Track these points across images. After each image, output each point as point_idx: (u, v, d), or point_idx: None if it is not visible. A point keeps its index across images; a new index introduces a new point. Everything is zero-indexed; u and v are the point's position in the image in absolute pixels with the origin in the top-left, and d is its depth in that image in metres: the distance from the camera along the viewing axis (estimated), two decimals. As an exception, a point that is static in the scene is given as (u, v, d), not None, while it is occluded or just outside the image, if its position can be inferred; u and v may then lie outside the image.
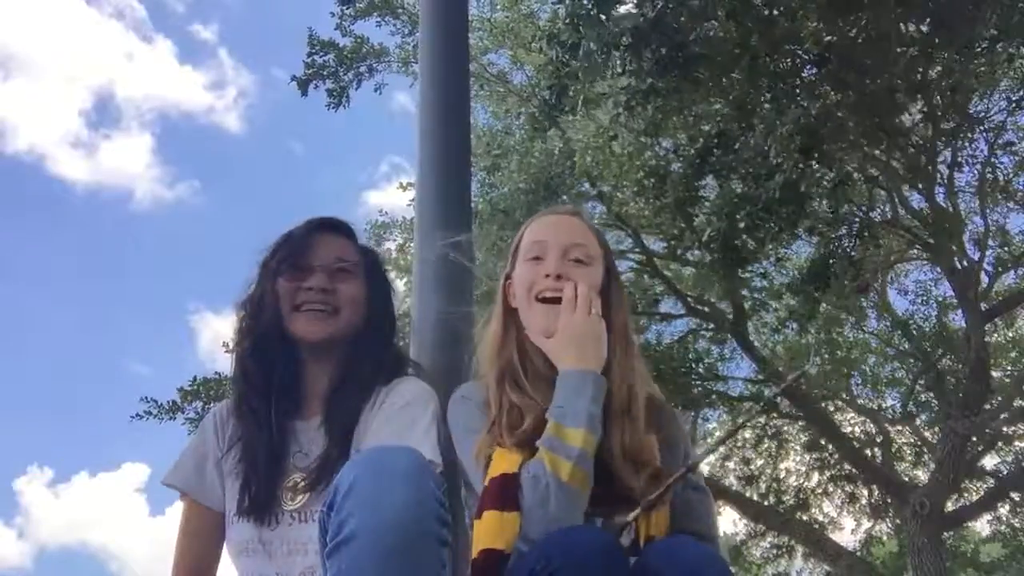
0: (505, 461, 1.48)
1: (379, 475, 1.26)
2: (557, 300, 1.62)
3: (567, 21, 6.01)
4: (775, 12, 6.42)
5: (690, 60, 6.02)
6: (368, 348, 1.79)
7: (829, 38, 6.45)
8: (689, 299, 10.31)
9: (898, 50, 6.95)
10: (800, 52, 6.67)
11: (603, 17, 5.77)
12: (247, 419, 1.75)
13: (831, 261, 7.62)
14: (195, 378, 9.77)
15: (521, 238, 1.76)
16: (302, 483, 1.68)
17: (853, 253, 7.92)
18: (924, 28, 6.93)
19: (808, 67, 6.87)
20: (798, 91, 6.82)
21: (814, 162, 6.65)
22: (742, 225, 6.81)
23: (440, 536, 1.26)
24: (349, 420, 1.70)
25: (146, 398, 9.89)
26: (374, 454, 1.34)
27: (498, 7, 10.45)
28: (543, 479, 1.41)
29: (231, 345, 1.85)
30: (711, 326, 10.65)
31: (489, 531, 1.42)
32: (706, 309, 10.47)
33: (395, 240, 11.36)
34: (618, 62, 5.99)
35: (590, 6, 5.78)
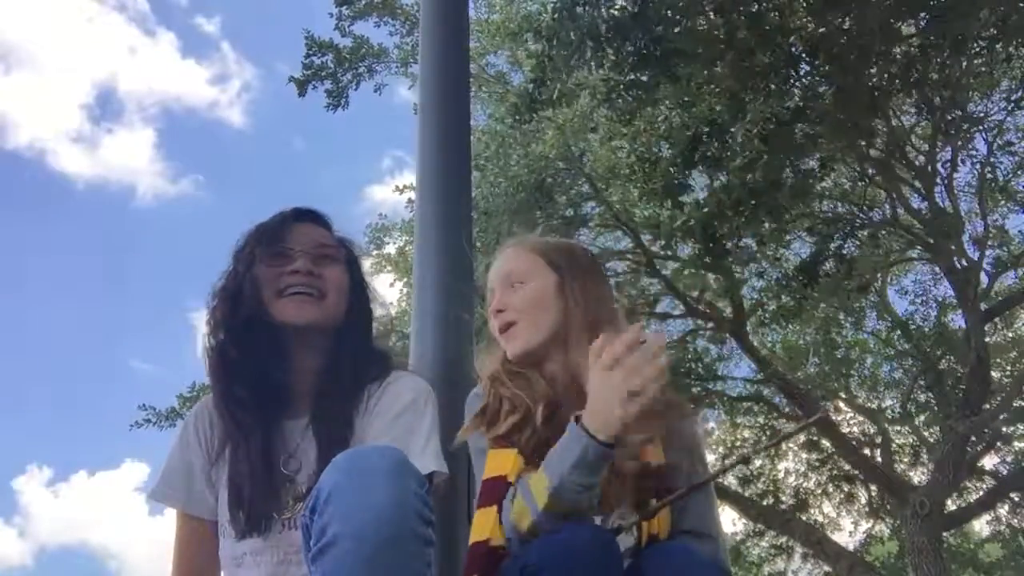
0: (496, 463, 1.52)
1: (360, 476, 1.25)
2: (508, 328, 1.71)
3: (554, 16, 6.04)
4: (764, 6, 6.43)
5: (668, 54, 6.02)
6: (352, 341, 1.74)
7: (822, 30, 6.44)
8: (688, 299, 10.31)
9: (895, 50, 6.96)
10: (789, 47, 6.66)
11: (590, 10, 5.79)
12: (234, 415, 1.68)
13: (822, 259, 7.63)
14: (194, 383, 9.74)
15: None
16: (295, 492, 1.63)
17: (850, 252, 7.94)
18: (921, 26, 6.93)
19: (798, 62, 6.86)
20: (793, 85, 6.83)
21: (777, 148, 6.61)
22: (702, 212, 6.84)
23: (423, 535, 1.25)
24: (339, 424, 1.65)
25: (144, 406, 9.93)
26: (354, 455, 1.32)
27: (496, 9, 10.46)
28: (509, 522, 1.45)
29: (204, 338, 1.74)
30: (710, 326, 10.65)
31: (476, 527, 1.48)
32: (706, 309, 10.47)
33: (395, 243, 11.37)
34: (594, 55, 5.98)
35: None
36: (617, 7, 5.95)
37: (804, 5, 6.54)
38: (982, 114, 9.11)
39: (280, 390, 1.70)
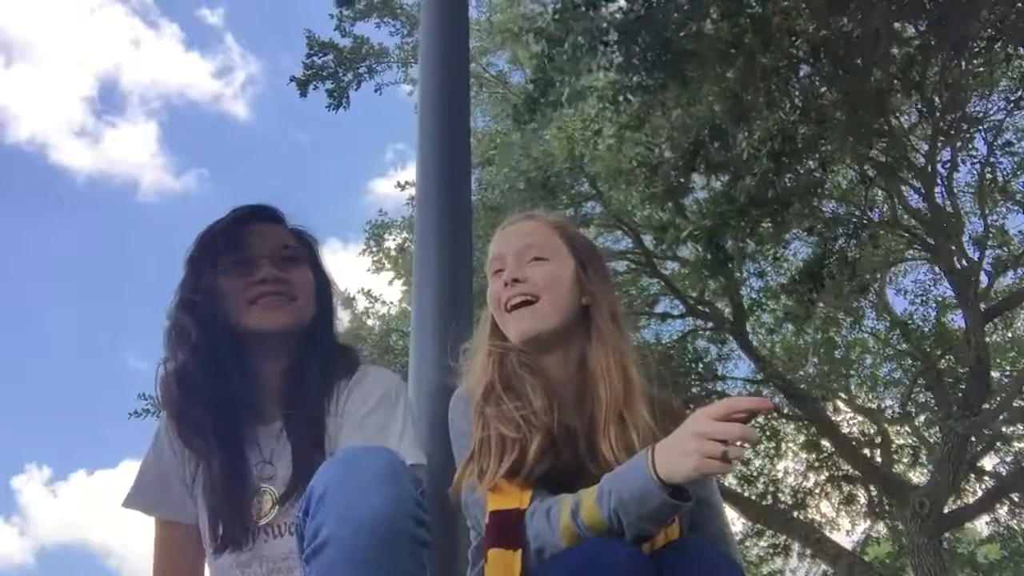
0: (502, 495, 1.45)
1: (353, 477, 1.24)
2: (523, 304, 1.59)
3: (555, 17, 6.03)
4: (768, 9, 6.42)
5: (677, 57, 6.01)
6: (320, 340, 1.70)
7: (824, 33, 6.45)
8: (689, 299, 10.31)
9: (894, 50, 6.97)
10: (794, 50, 6.67)
11: (591, 12, 5.78)
12: (192, 443, 1.62)
13: (825, 262, 7.64)
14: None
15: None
16: (271, 498, 1.61)
17: (850, 253, 7.94)
18: (921, 27, 6.94)
19: (801, 64, 6.87)
20: (795, 88, 6.84)
21: (787, 166, 6.63)
22: (708, 223, 6.84)
23: (417, 536, 1.24)
24: (312, 424, 1.62)
25: (143, 395, 9.87)
26: (348, 456, 1.31)
27: (496, 10, 10.47)
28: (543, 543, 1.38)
29: (160, 364, 1.65)
30: (710, 326, 10.65)
31: (494, 569, 1.39)
32: (706, 309, 10.47)
33: (395, 239, 11.35)
34: (602, 58, 5.96)
35: (580, 1, 5.78)
36: (623, 9, 5.94)
37: (806, 8, 6.54)
38: (981, 114, 9.12)
39: (247, 401, 1.64)
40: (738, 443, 1.29)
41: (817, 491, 12.39)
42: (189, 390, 1.61)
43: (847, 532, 12.61)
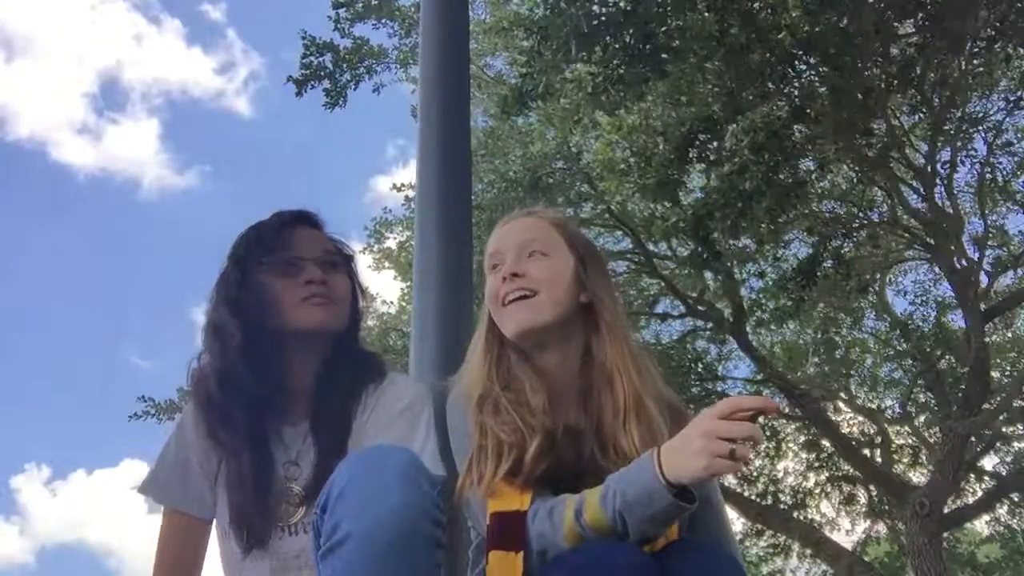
0: (503, 497, 1.44)
1: (373, 476, 1.25)
2: (522, 299, 1.58)
3: (546, 12, 6.05)
4: (755, 4, 6.43)
5: (657, 51, 6.02)
6: (350, 345, 1.73)
7: (817, 28, 6.44)
8: (688, 299, 10.31)
9: (893, 50, 6.96)
10: (783, 45, 6.66)
11: (577, 7, 5.80)
12: (221, 438, 1.64)
13: (820, 260, 7.65)
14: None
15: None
16: (297, 498, 1.62)
17: (849, 252, 7.95)
18: (920, 24, 6.93)
19: (793, 60, 6.86)
20: (793, 86, 6.84)
21: (768, 161, 6.63)
22: (692, 215, 6.86)
23: (435, 537, 1.25)
24: (339, 426, 1.64)
25: (143, 397, 9.88)
26: (368, 454, 1.32)
27: (492, 11, 10.46)
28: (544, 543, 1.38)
29: (196, 356, 1.68)
30: (710, 326, 10.66)
31: (496, 574, 1.38)
32: (706, 310, 10.47)
33: (396, 238, 11.36)
34: (576, 49, 5.96)
35: None
36: (610, 3, 5.95)
37: (798, 3, 6.54)
38: (981, 114, 9.11)
39: (278, 399, 1.66)
40: (745, 442, 1.28)
41: (817, 491, 12.39)
42: (231, 388, 1.63)
43: (847, 532, 12.63)
